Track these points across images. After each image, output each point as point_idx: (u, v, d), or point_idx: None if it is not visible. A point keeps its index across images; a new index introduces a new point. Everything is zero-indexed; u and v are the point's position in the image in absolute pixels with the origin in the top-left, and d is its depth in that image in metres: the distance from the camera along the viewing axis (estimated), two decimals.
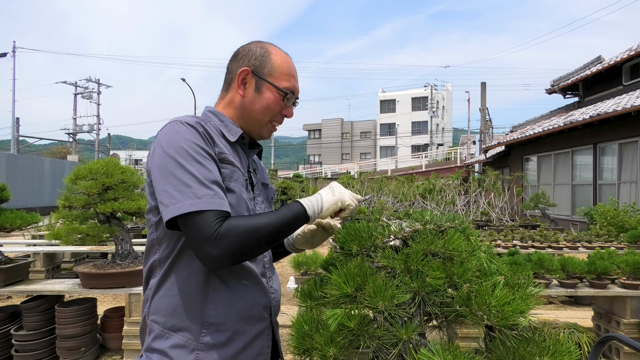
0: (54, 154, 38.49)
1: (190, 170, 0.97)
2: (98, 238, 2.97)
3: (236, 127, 1.17)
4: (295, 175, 21.99)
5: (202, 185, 0.96)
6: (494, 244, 5.15)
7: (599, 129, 10.88)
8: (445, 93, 48.37)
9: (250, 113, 1.17)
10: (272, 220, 0.99)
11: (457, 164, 25.84)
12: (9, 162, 16.43)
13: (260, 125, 1.19)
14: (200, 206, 0.93)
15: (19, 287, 3.10)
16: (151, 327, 1.07)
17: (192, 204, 0.93)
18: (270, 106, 1.16)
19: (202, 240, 0.93)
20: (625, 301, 3.17)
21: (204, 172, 0.98)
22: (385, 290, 0.90)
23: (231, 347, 1.05)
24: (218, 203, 0.95)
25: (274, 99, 1.15)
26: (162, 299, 1.07)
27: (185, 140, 1.00)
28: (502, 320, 0.84)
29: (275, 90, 1.15)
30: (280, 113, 1.19)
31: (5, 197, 3.26)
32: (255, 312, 1.10)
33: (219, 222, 0.93)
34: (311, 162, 49.38)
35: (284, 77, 1.16)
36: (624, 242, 5.29)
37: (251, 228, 0.95)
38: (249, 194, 1.14)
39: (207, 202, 0.94)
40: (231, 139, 1.13)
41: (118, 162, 3.21)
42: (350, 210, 1.13)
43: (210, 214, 0.94)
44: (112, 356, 3.48)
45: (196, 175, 0.96)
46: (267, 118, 1.18)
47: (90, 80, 32.34)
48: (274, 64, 1.15)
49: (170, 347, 1.03)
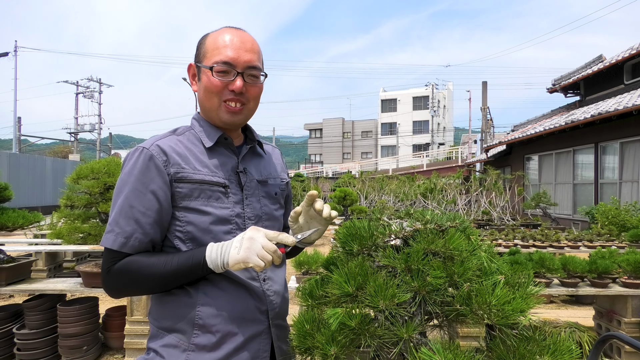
0: (56, 153, 38.54)
1: (117, 203, 1.05)
2: (100, 237, 2.98)
3: (214, 129, 1.16)
4: (297, 175, 21.99)
5: (113, 222, 1.04)
6: (495, 243, 5.15)
7: (601, 128, 10.86)
8: (447, 92, 48.31)
9: (202, 103, 1.16)
10: (165, 268, 1.02)
11: (458, 163, 25.81)
12: (10, 162, 16.46)
13: (213, 110, 1.13)
14: (103, 242, 1.04)
15: (21, 286, 3.11)
16: (150, 327, 1.13)
17: (102, 238, 1.05)
18: (208, 87, 1.10)
19: (101, 272, 1.06)
20: (626, 300, 3.17)
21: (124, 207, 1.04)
22: (386, 290, 0.90)
23: (222, 348, 1.07)
24: (119, 243, 1.02)
25: (207, 78, 1.10)
26: (156, 300, 1.12)
27: (125, 172, 1.07)
28: (503, 319, 0.84)
29: (207, 69, 1.10)
30: (227, 90, 1.10)
31: (7, 197, 3.27)
32: (248, 315, 1.11)
33: (114, 261, 1.03)
34: (312, 162, 49.38)
35: (215, 53, 1.09)
36: (625, 241, 5.29)
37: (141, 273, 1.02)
38: (235, 196, 1.13)
39: (109, 239, 1.03)
40: (207, 145, 1.14)
41: (120, 162, 3.22)
42: (259, 269, 0.98)
43: (109, 251, 1.03)
44: (113, 355, 3.49)
45: (114, 210, 1.05)
46: (214, 101, 1.12)
47: (91, 79, 32.39)
48: (206, 47, 1.12)
49: (162, 347, 1.07)
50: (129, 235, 1.02)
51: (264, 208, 1.20)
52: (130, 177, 1.05)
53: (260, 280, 1.15)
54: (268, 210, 1.21)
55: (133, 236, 1.03)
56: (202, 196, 1.09)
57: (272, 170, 1.28)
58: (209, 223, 1.08)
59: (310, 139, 51.97)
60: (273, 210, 1.23)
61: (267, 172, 1.25)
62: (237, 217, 1.12)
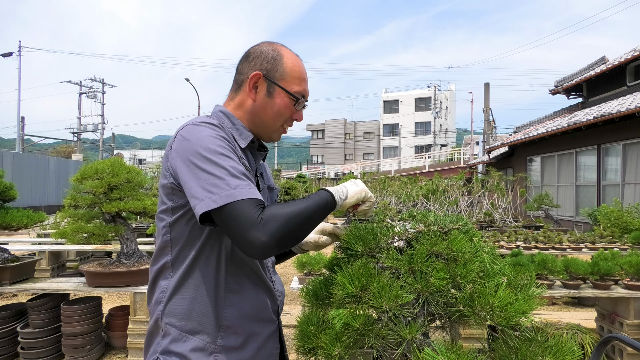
0: (59, 153, 38.67)
1: (221, 164, 0.97)
2: (103, 237, 2.99)
3: (247, 131, 1.16)
4: (299, 176, 22.00)
5: (234, 177, 0.95)
6: (497, 245, 5.14)
7: (603, 130, 10.83)
8: (449, 93, 48.26)
9: (262, 117, 1.16)
10: (307, 205, 0.98)
11: (461, 164, 25.78)
12: (14, 161, 16.53)
13: (272, 129, 1.18)
14: (237, 196, 0.92)
15: (25, 285, 3.13)
16: (167, 330, 1.07)
17: (228, 194, 0.92)
18: (282, 111, 1.15)
19: (247, 228, 0.90)
20: (628, 302, 3.16)
21: (234, 164, 0.98)
22: (390, 291, 0.91)
23: (247, 349, 1.08)
24: (253, 192, 0.95)
25: (285, 104, 1.14)
26: (179, 302, 1.06)
27: (210, 137, 1.01)
28: (505, 321, 0.85)
29: (287, 95, 1.13)
30: (290, 117, 1.18)
31: (12, 196, 3.29)
32: (267, 315, 1.13)
33: (260, 209, 0.92)
34: (314, 163, 49.39)
35: (295, 81, 1.14)
36: (627, 243, 5.27)
37: (291, 213, 0.94)
38: None
39: (243, 191, 0.93)
40: (242, 144, 1.13)
41: (123, 162, 3.23)
42: (371, 202, 1.14)
43: (248, 201, 0.92)
44: (116, 354, 3.51)
45: (227, 168, 0.96)
46: (279, 123, 1.17)
47: (94, 79, 32.48)
48: (286, 68, 1.13)
49: (190, 351, 1.04)
50: (254, 187, 0.98)
51: None
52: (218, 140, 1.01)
53: (272, 281, 1.19)
54: None
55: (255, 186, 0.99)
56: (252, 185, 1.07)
57: (271, 178, 1.34)
58: None
59: (313, 139, 51.97)
60: None
61: (270, 180, 1.31)
62: None
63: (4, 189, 3.22)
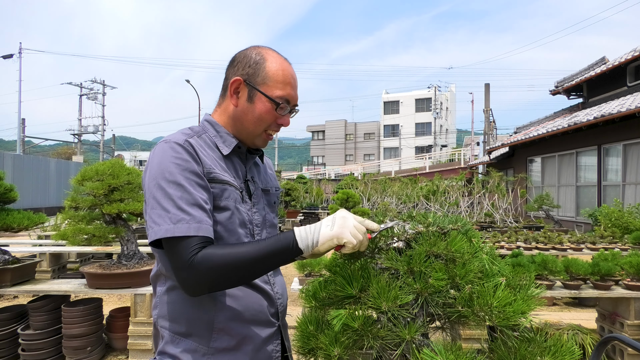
0: (59, 154, 38.70)
1: (170, 195, 0.97)
2: (104, 239, 3.00)
3: (231, 137, 1.15)
4: (299, 177, 21.98)
5: (179, 210, 0.95)
6: (497, 246, 5.15)
7: (604, 130, 10.83)
8: (449, 94, 48.26)
9: (243, 123, 1.14)
10: (256, 250, 0.95)
11: (461, 165, 25.76)
12: (15, 163, 16.53)
13: (254, 135, 1.16)
14: (175, 232, 0.93)
15: (25, 287, 3.13)
16: (162, 332, 1.10)
17: (167, 229, 0.94)
18: (263, 117, 1.12)
19: (177, 267, 0.94)
20: (629, 303, 3.16)
21: (184, 195, 0.97)
22: (389, 291, 0.91)
23: (241, 351, 1.08)
24: (194, 228, 0.94)
25: (266, 109, 1.11)
26: (170, 306, 1.09)
27: (170, 163, 1.00)
28: (504, 321, 0.85)
29: (268, 100, 1.10)
30: (275, 123, 1.15)
31: (12, 198, 3.30)
32: (263, 317, 1.13)
33: (196, 249, 0.93)
34: (315, 164, 49.40)
35: (277, 86, 1.11)
36: (628, 243, 5.27)
37: (229, 257, 0.93)
38: (245, 204, 1.13)
39: (182, 228, 0.94)
40: (224, 152, 1.13)
41: (124, 164, 3.24)
42: (351, 247, 0.96)
43: (185, 240, 0.93)
44: (117, 356, 3.51)
45: (174, 200, 0.96)
46: (261, 129, 1.14)
47: (95, 81, 32.56)
48: (267, 72, 1.11)
49: (181, 352, 1.06)
50: (200, 220, 0.96)
51: (267, 216, 1.22)
52: (175, 166, 1.00)
53: (270, 284, 1.18)
54: (270, 217, 1.23)
55: (204, 221, 0.97)
56: (231, 197, 1.08)
57: (270, 180, 1.31)
58: (237, 224, 1.09)
59: (313, 140, 52.01)
60: (272, 217, 1.26)
61: (266, 181, 1.28)
62: (249, 222, 1.14)
63: (5, 191, 3.23)
